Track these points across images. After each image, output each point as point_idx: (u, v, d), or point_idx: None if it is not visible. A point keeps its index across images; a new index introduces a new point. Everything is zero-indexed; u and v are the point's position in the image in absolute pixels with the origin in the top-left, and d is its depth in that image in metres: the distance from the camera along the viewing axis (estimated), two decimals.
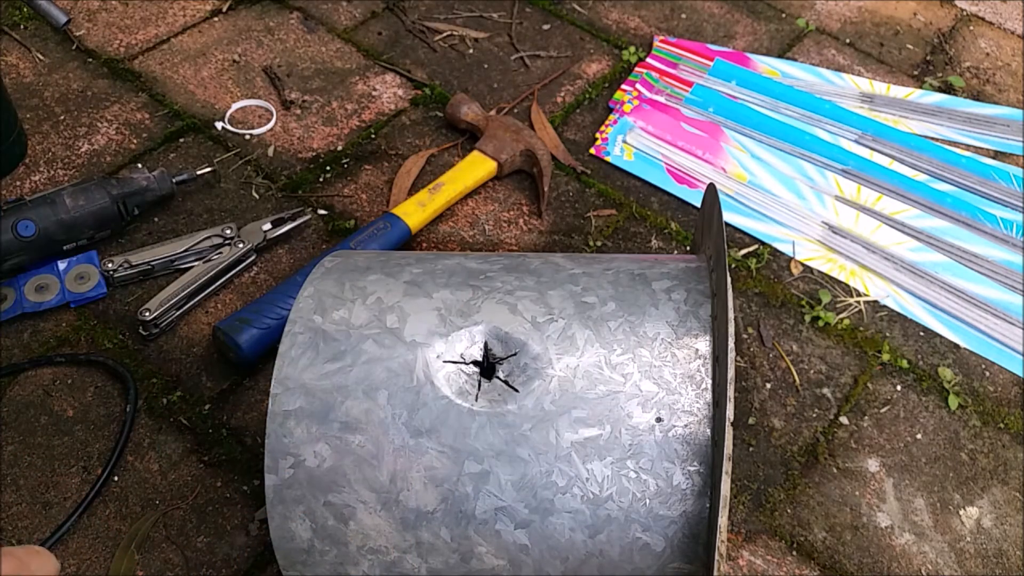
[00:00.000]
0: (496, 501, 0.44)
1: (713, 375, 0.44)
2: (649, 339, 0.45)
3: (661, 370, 0.44)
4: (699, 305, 0.47)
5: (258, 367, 0.73)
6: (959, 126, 1.02)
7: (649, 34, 1.10)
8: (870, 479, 0.71)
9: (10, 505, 0.64)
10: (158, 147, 0.89)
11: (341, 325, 0.48)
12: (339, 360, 0.47)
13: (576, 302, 0.48)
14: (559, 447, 0.44)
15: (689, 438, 0.43)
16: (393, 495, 0.45)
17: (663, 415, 0.43)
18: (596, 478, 0.43)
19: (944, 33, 1.15)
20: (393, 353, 0.46)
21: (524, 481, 0.44)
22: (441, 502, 0.44)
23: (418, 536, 0.45)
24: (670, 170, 0.93)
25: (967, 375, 0.78)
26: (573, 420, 0.44)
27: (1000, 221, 0.91)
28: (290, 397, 0.46)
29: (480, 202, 0.88)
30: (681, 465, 0.43)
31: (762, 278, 0.84)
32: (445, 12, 1.10)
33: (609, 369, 0.45)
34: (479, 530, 0.44)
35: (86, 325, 0.74)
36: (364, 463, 0.45)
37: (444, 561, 0.45)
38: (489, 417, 0.44)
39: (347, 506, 0.45)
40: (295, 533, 0.46)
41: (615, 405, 0.44)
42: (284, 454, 0.46)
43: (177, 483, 0.66)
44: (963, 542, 0.68)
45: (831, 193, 0.92)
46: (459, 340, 0.47)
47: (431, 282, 0.50)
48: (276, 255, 0.81)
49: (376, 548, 0.46)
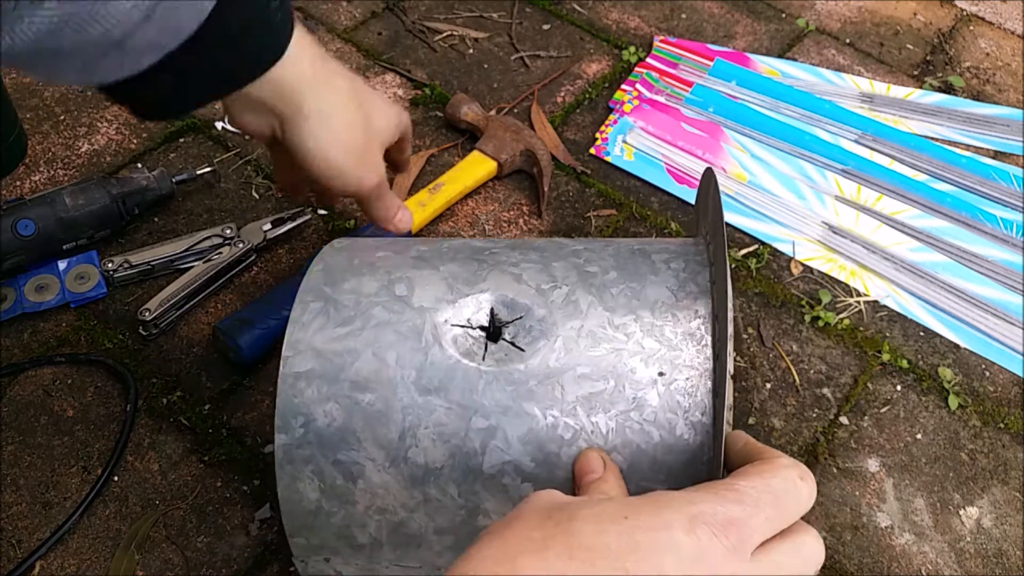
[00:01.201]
0: (503, 455, 0.44)
1: (713, 332, 0.46)
2: (650, 302, 0.47)
3: (662, 329, 0.46)
4: (697, 273, 0.49)
5: (258, 367, 0.73)
6: (959, 126, 1.02)
7: (649, 34, 1.10)
8: (870, 479, 0.71)
9: (10, 505, 0.64)
10: (158, 147, 0.89)
11: (351, 294, 0.50)
12: (349, 324, 0.48)
13: (579, 271, 0.49)
14: (564, 402, 0.45)
15: (691, 391, 0.44)
16: (402, 452, 0.45)
17: (665, 369, 0.45)
18: (601, 430, 0.44)
19: (944, 33, 1.15)
20: (402, 318, 0.48)
21: (530, 435, 0.44)
22: (449, 458, 0.45)
23: (426, 493, 0.45)
24: (670, 170, 0.93)
25: (967, 375, 0.78)
26: (578, 376, 0.45)
27: (1000, 221, 0.91)
28: (301, 359, 0.47)
29: (480, 202, 0.88)
30: (683, 416, 0.44)
31: (762, 278, 0.84)
32: (445, 12, 1.10)
33: (612, 329, 0.46)
34: (486, 485, 0.45)
35: (86, 325, 0.74)
36: (374, 421, 0.46)
37: (451, 519, 0.46)
38: (496, 375, 0.45)
39: (356, 464, 0.46)
40: (303, 494, 0.47)
41: (618, 361, 0.45)
42: (295, 414, 0.46)
43: (177, 483, 0.66)
44: (963, 542, 0.68)
45: (831, 193, 0.92)
46: (466, 306, 0.48)
47: (438, 257, 0.52)
48: (276, 255, 0.81)
49: (384, 507, 0.46)
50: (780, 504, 0.33)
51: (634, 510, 0.32)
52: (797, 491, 0.34)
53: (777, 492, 0.33)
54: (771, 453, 0.36)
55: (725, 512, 0.31)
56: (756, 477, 0.34)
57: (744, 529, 0.31)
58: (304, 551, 0.49)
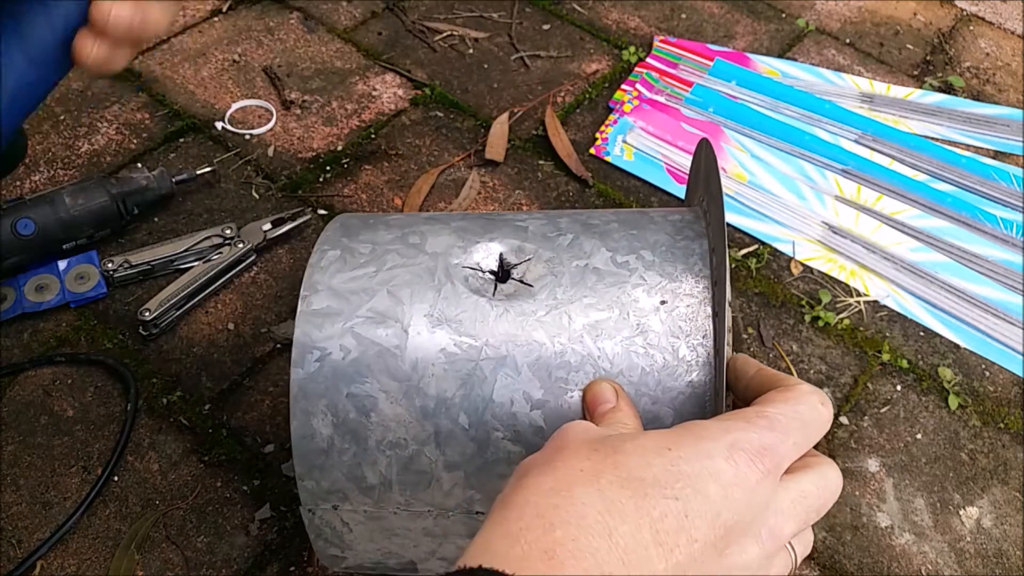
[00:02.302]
0: (512, 382, 0.46)
1: (711, 265, 0.48)
2: (650, 244, 0.50)
3: (663, 265, 0.48)
4: (693, 222, 0.52)
5: (258, 368, 0.73)
6: (959, 126, 1.02)
7: (649, 34, 1.10)
8: (870, 479, 0.71)
9: (10, 505, 0.64)
10: (158, 147, 0.89)
11: (367, 243, 0.52)
12: (365, 268, 0.50)
13: (582, 224, 0.52)
14: (571, 330, 0.46)
15: (691, 316, 0.46)
16: (414, 383, 0.47)
17: (667, 298, 0.47)
18: (607, 355, 0.46)
19: (944, 33, 1.15)
20: (415, 261, 0.50)
21: (539, 362, 0.46)
22: (460, 387, 0.46)
23: (437, 424, 0.47)
24: (670, 170, 0.93)
25: (967, 375, 0.78)
26: (584, 306, 0.47)
27: (1000, 221, 0.91)
28: (318, 298, 0.49)
29: (480, 202, 0.88)
30: (685, 340, 0.46)
31: (762, 278, 0.84)
32: (445, 12, 1.10)
33: (615, 266, 0.49)
34: (496, 413, 0.46)
35: (86, 325, 0.74)
36: (387, 353, 0.47)
37: (461, 451, 0.47)
38: (505, 307, 0.47)
39: (369, 396, 0.47)
40: (316, 431, 0.47)
41: (622, 292, 0.47)
42: (311, 348, 0.48)
43: (177, 483, 0.66)
44: (963, 542, 0.68)
45: (831, 193, 0.92)
46: (476, 252, 0.51)
47: (449, 218, 0.55)
48: (276, 255, 0.81)
49: (395, 441, 0.47)
50: (807, 429, 0.35)
51: (675, 442, 0.33)
52: (820, 416, 0.36)
53: (804, 418, 0.35)
54: (789, 380, 0.38)
55: (759, 438, 0.33)
56: (783, 404, 0.35)
57: (776, 454, 0.33)
58: (313, 497, 0.49)
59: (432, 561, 0.53)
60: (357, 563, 0.53)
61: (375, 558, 0.52)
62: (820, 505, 0.35)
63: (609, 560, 0.30)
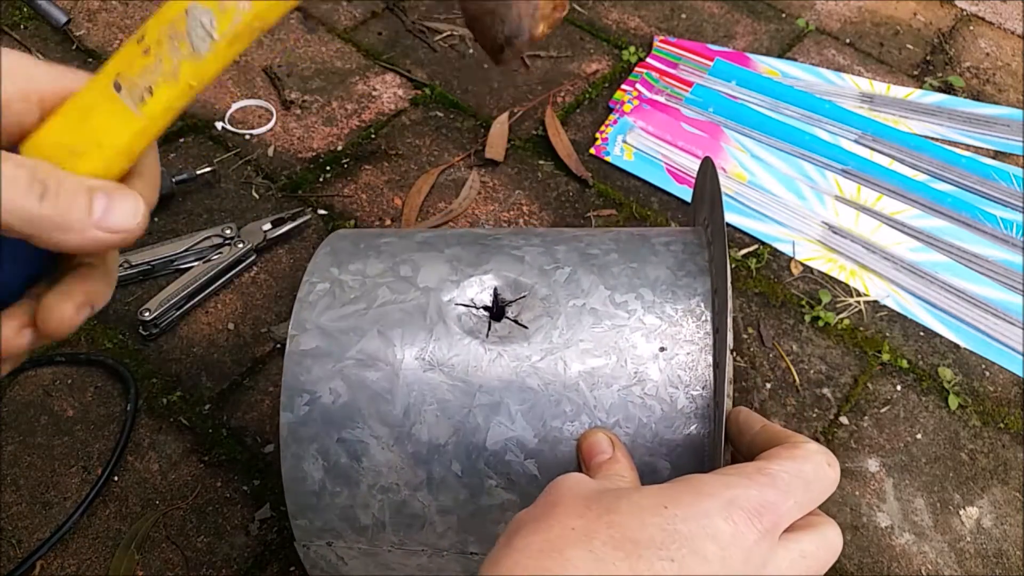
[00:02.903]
0: (506, 431, 0.45)
1: (712, 306, 0.47)
2: (650, 281, 0.48)
3: (663, 306, 0.47)
4: (695, 254, 0.50)
5: (258, 368, 0.73)
6: (959, 126, 1.02)
7: (649, 34, 1.10)
8: (870, 479, 0.71)
9: (10, 505, 0.64)
10: (158, 147, 0.89)
11: (357, 275, 0.50)
12: (355, 304, 0.49)
13: (581, 254, 0.50)
14: (567, 377, 0.45)
15: (691, 365, 0.45)
16: (406, 429, 0.46)
17: (666, 344, 0.46)
18: (603, 405, 0.45)
19: (944, 33, 1.15)
20: (407, 297, 0.48)
21: (533, 411, 0.45)
22: (453, 434, 0.45)
23: (429, 471, 0.46)
24: (670, 170, 0.93)
25: (967, 375, 0.78)
26: (580, 351, 0.46)
27: (1000, 221, 0.91)
28: (307, 338, 0.48)
29: (480, 202, 0.88)
30: (684, 390, 0.45)
31: (762, 278, 0.84)
32: (445, 12, 1.10)
33: (613, 306, 0.47)
34: (489, 461, 0.45)
35: (86, 325, 0.74)
36: (378, 398, 0.46)
37: (454, 498, 0.46)
38: (499, 351, 0.46)
39: (360, 442, 0.46)
40: (307, 474, 0.47)
41: (620, 337, 0.46)
42: (300, 391, 0.47)
43: (177, 483, 0.66)
44: (963, 542, 0.68)
45: (831, 193, 0.92)
46: (470, 286, 0.49)
47: (442, 242, 0.53)
48: (276, 255, 0.81)
49: (387, 487, 0.46)
50: (810, 489, 0.34)
51: (672, 499, 0.33)
52: (826, 477, 0.35)
53: (808, 478, 0.34)
54: (796, 437, 0.37)
55: (759, 496, 0.33)
56: (787, 461, 0.35)
57: (776, 512, 0.33)
58: (307, 534, 0.49)
59: None
60: None
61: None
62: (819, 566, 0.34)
63: None
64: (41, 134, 0.30)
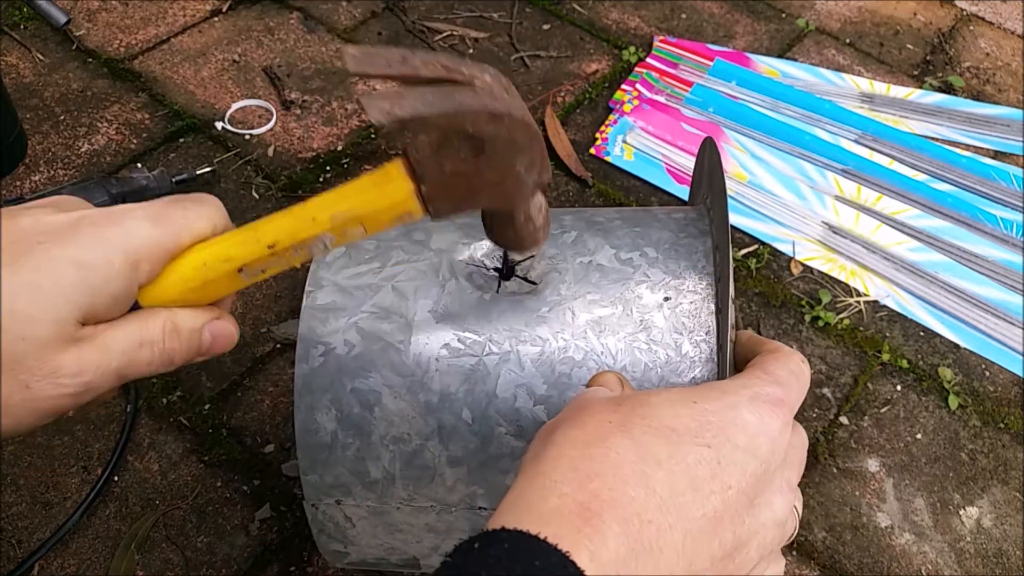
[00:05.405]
0: (516, 378, 0.46)
1: (714, 261, 0.48)
2: (654, 241, 0.50)
3: (666, 262, 0.49)
4: (697, 220, 0.52)
5: (258, 368, 0.73)
6: (959, 126, 1.02)
7: (649, 34, 1.10)
8: (870, 479, 0.71)
9: (10, 505, 0.64)
10: (158, 147, 0.89)
11: (372, 239, 0.52)
12: (369, 264, 0.50)
13: (587, 221, 0.52)
14: (575, 326, 0.47)
15: (695, 312, 0.47)
16: (418, 378, 0.47)
17: (670, 294, 0.47)
18: (610, 351, 0.46)
19: (944, 33, 1.15)
20: (420, 257, 0.50)
21: (543, 358, 0.46)
22: (463, 382, 0.46)
23: (440, 419, 0.47)
24: (670, 170, 0.93)
25: (967, 375, 0.78)
26: (588, 302, 0.47)
27: (1000, 221, 0.91)
28: (323, 294, 0.49)
29: None
30: (689, 336, 0.46)
31: (762, 278, 0.84)
32: (445, 12, 1.10)
33: (619, 263, 0.49)
34: (499, 408, 0.46)
35: None
36: (391, 348, 0.47)
37: (464, 447, 0.47)
38: (509, 304, 0.48)
39: (373, 391, 0.47)
40: (320, 425, 0.48)
41: (626, 289, 0.48)
42: (315, 343, 0.48)
43: (177, 483, 0.66)
44: (963, 542, 0.68)
45: (831, 193, 0.92)
46: (480, 248, 0.51)
47: None
48: None
49: (399, 436, 0.47)
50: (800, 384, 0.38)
51: (700, 396, 0.35)
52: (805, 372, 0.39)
53: (797, 375, 0.38)
54: (774, 343, 0.41)
55: (773, 392, 0.36)
56: (778, 363, 0.38)
57: (788, 405, 0.36)
58: (316, 492, 0.49)
59: (434, 557, 0.53)
60: (360, 558, 0.53)
61: (378, 554, 0.53)
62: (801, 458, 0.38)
63: (647, 508, 0.30)
64: (164, 290, 0.38)
